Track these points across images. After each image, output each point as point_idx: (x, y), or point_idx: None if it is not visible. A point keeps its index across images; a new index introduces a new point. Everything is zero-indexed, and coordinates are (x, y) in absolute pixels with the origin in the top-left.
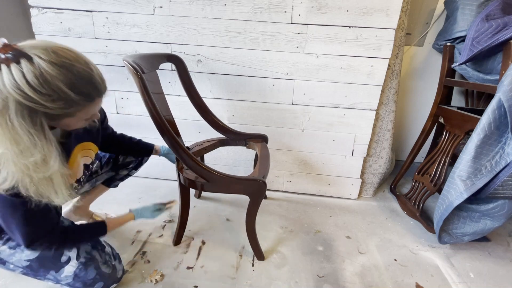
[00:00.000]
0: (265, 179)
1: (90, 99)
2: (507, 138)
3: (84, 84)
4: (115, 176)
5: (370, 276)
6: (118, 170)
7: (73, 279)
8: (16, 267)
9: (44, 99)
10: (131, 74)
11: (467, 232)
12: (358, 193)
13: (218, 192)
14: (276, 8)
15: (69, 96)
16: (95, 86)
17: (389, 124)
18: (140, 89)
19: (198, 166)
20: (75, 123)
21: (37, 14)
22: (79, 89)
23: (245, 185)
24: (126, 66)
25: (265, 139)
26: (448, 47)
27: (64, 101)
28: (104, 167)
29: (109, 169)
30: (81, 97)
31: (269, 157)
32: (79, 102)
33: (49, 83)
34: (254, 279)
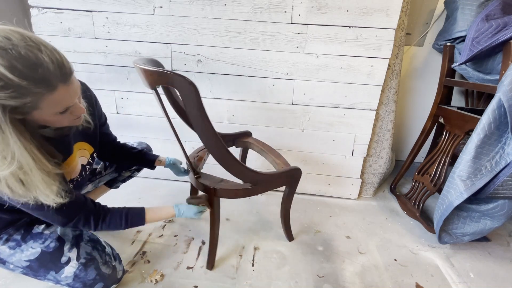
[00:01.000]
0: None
1: (48, 86)
2: (507, 138)
3: (31, 67)
4: (117, 177)
5: (370, 276)
6: (121, 171)
7: (73, 280)
8: (16, 267)
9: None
10: (181, 84)
11: (467, 232)
12: (358, 193)
13: (261, 192)
14: (276, 8)
15: (14, 82)
16: (48, 70)
17: (389, 124)
18: (196, 102)
19: (253, 172)
20: (49, 117)
21: (37, 14)
22: (25, 74)
23: (286, 177)
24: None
25: (250, 134)
26: (448, 47)
27: (12, 89)
28: (108, 168)
29: (113, 170)
30: (33, 83)
31: (271, 147)
32: (33, 89)
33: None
34: (254, 279)
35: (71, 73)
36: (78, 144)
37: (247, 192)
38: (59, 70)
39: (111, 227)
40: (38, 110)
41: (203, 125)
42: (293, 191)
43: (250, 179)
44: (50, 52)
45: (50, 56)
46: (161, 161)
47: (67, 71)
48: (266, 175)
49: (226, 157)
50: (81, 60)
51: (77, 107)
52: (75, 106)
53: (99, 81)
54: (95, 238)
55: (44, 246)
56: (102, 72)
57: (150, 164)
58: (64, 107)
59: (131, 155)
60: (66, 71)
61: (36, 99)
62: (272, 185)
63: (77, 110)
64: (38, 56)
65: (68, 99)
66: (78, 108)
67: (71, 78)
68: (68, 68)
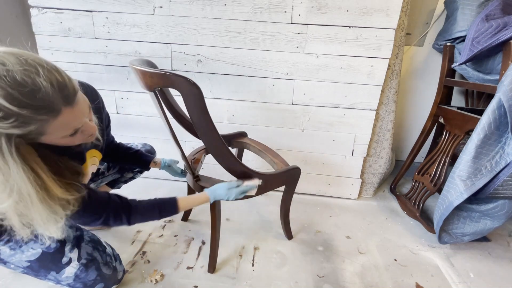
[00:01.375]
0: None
1: (50, 112)
2: (507, 138)
3: (30, 94)
4: (120, 178)
5: (370, 276)
6: (123, 172)
7: (74, 280)
8: (17, 267)
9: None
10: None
11: (467, 232)
12: (358, 193)
13: (262, 193)
14: (276, 8)
15: (13, 112)
16: (48, 95)
17: (389, 124)
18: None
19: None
20: (59, 140)
21: (37, 14)
22: (24, 102)
23: (286, 176)
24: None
25: (246, 134)
26: (448, 47)
27: (14, 118)
28: (111, 169)
29: (116, 171)
30: (34, 111)
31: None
32: (36, 117)
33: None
34: (254, 279)
35: (75, 94)
36: (89, 152)
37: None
38: (60, 93)
39: (146, 219)
40: (46, 136)
41: (206, 127)
42: (292, 190)
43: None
44: (50, 74)
45: (50, 78)
46: (156, 162)
47: (70, 92)
48: (267, 175)
49: (229, 159)
50: (81, 60)
51: (87, 126)
52: (86, 125)
53: (99, 81)
54: (96, 238)
55: (44, 247)
56: (102, 72)
57: (145, 165)
58: (72, 129)
59: (127, 155)
60: (69, 92)
61: (40, 125)
62: (273, 185)
63: (88, 130)
64: (35, 81)
65: (75, 121)
66: (89, 127)
67: (75, 99)
68: (71, 88)
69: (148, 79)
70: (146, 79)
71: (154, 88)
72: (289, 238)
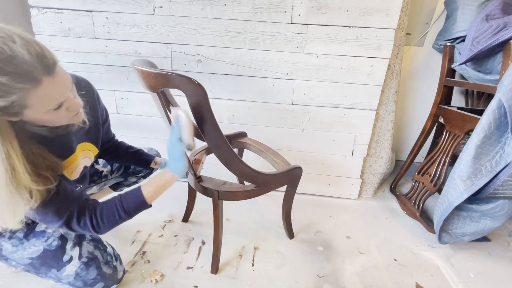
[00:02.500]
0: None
1: (30, 80)
2: (507, 138)
3: (7, 61)
4: (123, 182)
5: (370, 276)
6: (127, 177)
7: (74, 278)
8: (18, 264)
9: None
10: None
11: (467, 232)
12: (358, 193)
13: (264, 193)
14: (276, 8)
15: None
16: (26, 62)
17: (389, 124)
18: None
19: (258, 173)
20: (44, 116)
21: (37, 14)
22: (2, 69)
23: (288, 176)
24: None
25: (246, 134)
26: (448, 47)
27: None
28: (115, 172)
29: (119, 175)
30: (13, 79)
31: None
32: (16, 85)
33: None
34: (254, 279)
35: (54, 64)
36: (82, 144)
37: (250, 194)
38: (39, 61)
39: (110, 220)
40: (29, 109)
41: (211, 127)
42: (294, 190)
43: (256, 180)
44: (27, 43)
45: (27, 46)
46: (157, 162)
47: (50, 62)
48: (270, 175)
49: (233, 159)
50: (81, 60)
51: (72, 102)
52: (70, 101)
53: (99, 81)
54: (97, 237)
55: (46, 244)
56: (102, 72)
57: (146, 165)
58: (56, 102)
59: (127, 154)
60: (49, 62)
61: (22, 96)
62: (275, 185)
63: (73, 106)
64: (12, 48)
65: (57, 93)
66: (74, 103)
67: (55, 69)
68: (50, 58)
69: (152, 80)
70: (149, 80)
71: (158, 89)
72: (290, 237)
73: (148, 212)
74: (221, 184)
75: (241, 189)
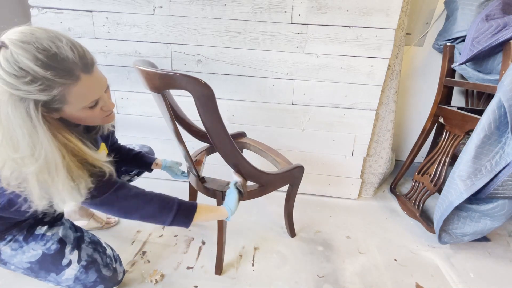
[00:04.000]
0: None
1: (70, 76)
2: (507, 138)
3: (53, 57)
4: None
5: (370, 276)
6: (120, 175)
7: (74, 282)
8: (17, 268)
9: (20, 82)
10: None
11: (467, 232)
12: (358, 193)
13: (268, 193)
14: (276, 8)
15: (39, 74)
16: (68, 59)
17: (389, 124)
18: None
19: (261, 172)
20: (80, 112)
21: (37, 14)
22: (47, 64)
23: (290, 175)
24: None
25: (245, 134)
26: (448, 47)
27: (40, 82)
28: None
29: None
30: (56, 74)
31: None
32: (58, 80)
33: (18, 62)
34: (254, 279)
35: (93, 64)
36: (102, 144)
37: (254, 194)
38: (80, 59)
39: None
40: (68, 105)
41: (218, 127)
42: (296, 189)
43: (260, 179)
44: (71, 43)
45: (71, 46)
46: (157, 164)
47: (89, 61)
48: (274, 174)
49: (239, 159)
50: None
51: (106, 102)
52: (104, 100)
53: None
54: (96, 239)
55: (45, 248)
56: (102, 72)
57: (147, 167)
58: (92, 100)
59: (129, 157)
60: (88, 61)
61: (62, 91)
62: (278, 184)
63: (107, 105)
64: (59, 45)
65: (93, 90)
66: (108, 102)
67: (93, 68)
68: (89, 58)
69: (157, 81)
70: (154, 81)
71: (163, 90)
72: (292, 236)
73: None
74: (225, 184)
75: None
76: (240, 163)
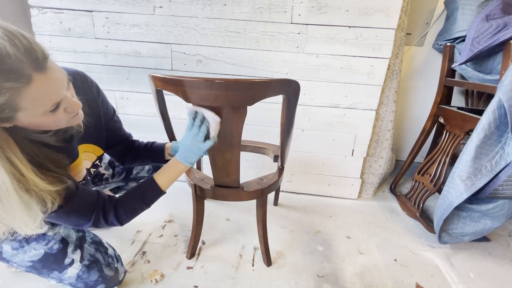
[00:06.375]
0: None
1: (19, 77)
2: (507, 138)
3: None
4: (124, 186)
5: (370, 276)
6: (128, 181)
7: (76, 280)
8: (20, 266)
9: None
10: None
11: (467, 232)
12: (358, 193)
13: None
14: (276, 8)
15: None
16: (10, 57)
17: (389, 124)
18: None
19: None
20: (39, 119)
21: (37, 14)
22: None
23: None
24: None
25: None
26: (448, 47)
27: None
28: (116, 176)
29: (120, 180)
30: (1, 77)
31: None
32: (3, 84)
33: None
34: (254, 279)
35: (45, 58)
36: (81, 146)
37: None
38: (27, 56)
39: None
40: (22, 112)
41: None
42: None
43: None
44: (11, 34)
45: (11, 39)
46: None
47: (39, 56)
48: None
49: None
50: (81, 60)
51: (70, 102)
52: (67, 101)
53: (99, 81)
54: (98, 239)
55: (47, 248)
56: (102, 72)
57: (161, 155)
58: (51, 103)
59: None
60: (38, 55)
61: (12, 97)
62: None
63: (72, 106)
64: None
65: (52, 91)
66: (72, 103)
67: (46, 64)
68: (39, 51)
69: (240, 93)
70: (235, 93)
71: (252, 102)
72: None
73: (148, 212)
74: (260, 180)
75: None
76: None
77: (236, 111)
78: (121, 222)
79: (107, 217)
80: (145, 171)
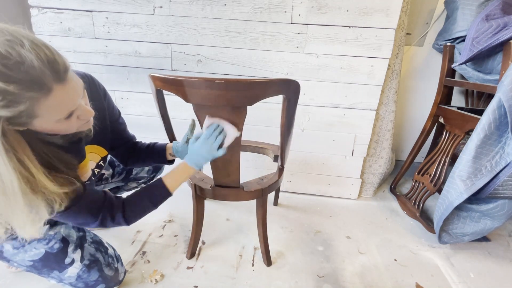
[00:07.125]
0: None
1: (40, 89)
2: (507, 138)
3: (14, 67)
4: (123, 186)
5: (370, 276)
6: (128, 182)
7: (76, 280)
8: (20, 265)
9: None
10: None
11: (467, 232)
12: (358, 193)
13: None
14: (276, 8)
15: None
16: (34, 68)
17: (389, 124)
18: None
19: None
20: (53, 125)
21: (37, 14)
22: (9, 76)
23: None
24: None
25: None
26: (448, 47)
27: (1, 96)
28: (116, 177)
29: (120, 180)
30: (21, 87)
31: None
32: (24, 94)
33: None
34: (254, 279)
35: (66, 70)
36: (87, 147)
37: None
38: (49, 68)
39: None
40: (38, 119)
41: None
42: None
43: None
44: (36, 47)
45: (36, 51)
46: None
47: (61, 68)
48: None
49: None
50: (81, 60)
51: (83, 110)
52: (81, 109)
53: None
54: (98, 239)
55: (48, 247)
56: (102, 72)
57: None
58: (66, 111)
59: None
60: (59, 68)
61: (31, 105)
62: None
63: (84, 114)
64: (21, 53)
65: (68, 101)
66: (85, 111)
67: (67, 75)
68: (62, 64)
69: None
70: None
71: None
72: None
73: None
74: (261, 180)
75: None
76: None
77: (236, 111)
78: (128, 222)
79: (114, 217)
80: (144, 171)
